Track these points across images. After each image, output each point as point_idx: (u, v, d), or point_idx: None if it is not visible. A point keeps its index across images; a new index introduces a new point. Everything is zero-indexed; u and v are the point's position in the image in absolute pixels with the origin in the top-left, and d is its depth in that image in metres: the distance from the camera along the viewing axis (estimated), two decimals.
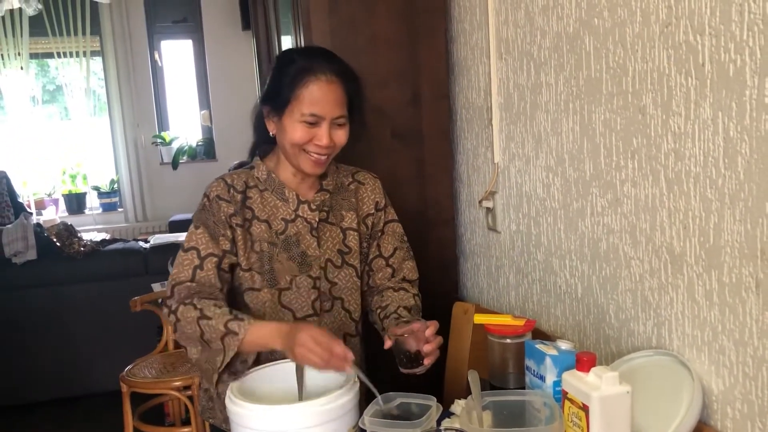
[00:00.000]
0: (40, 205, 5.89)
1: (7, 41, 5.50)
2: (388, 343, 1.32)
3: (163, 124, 6.15)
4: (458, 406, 1.38)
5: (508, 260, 1.92)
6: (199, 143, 6.19)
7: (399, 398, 1.23)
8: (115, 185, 6.04)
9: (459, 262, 2.25)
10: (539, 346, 1.20)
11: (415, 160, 2.11)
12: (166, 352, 2.87)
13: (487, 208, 1.98)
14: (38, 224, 3.69)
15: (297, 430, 1.16)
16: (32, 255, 3.46)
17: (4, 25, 5.46)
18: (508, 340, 1.32)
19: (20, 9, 5.00)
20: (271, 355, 1.45)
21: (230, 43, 5.91)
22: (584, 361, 1.07)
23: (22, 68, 5.57)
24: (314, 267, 1.53)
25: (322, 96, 1.42)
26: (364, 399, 1.27)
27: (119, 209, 6.04)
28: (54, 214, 5.84)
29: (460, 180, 2.18)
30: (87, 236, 3.89)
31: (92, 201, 6.06)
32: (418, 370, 1.32)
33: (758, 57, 1.01)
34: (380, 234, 1.63)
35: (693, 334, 1.20)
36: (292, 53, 1.53)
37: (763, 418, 1.07)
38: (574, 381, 1.06)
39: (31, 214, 4.88)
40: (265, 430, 1.16)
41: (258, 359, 1.41)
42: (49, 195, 6.02)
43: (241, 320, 1.34)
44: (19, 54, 5.55)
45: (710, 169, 1.12)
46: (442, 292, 2.16)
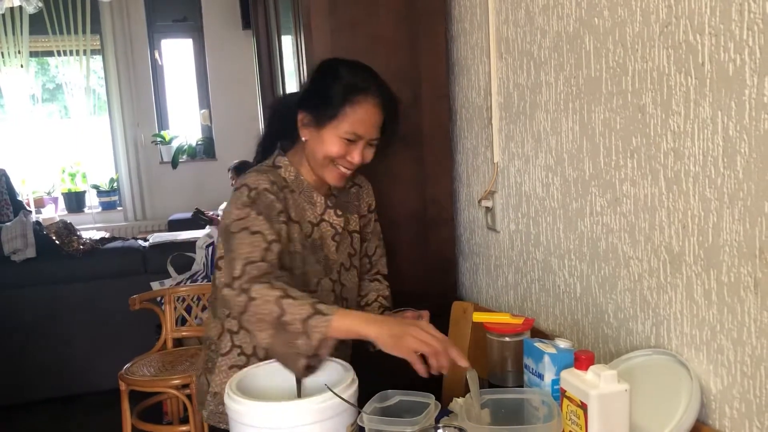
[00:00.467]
0: (40, 204, 5.89)
1: (7, 39, 5.50)
2: None
3: (162, 123, 6.15)
4: (456, 404, 1.38)
5: (507, 260, 1.92)
6: (199, 142, 6.19)
7: (397, 396, 1.23)
8: (115, 184, 6.05)
9: (458, 262, 2.26)
10: (538, 345, 1.20)
11: (415, 160, 2.11)
12: (165, 351, 2.87)
13: (487, 208, 1.98)
14: (37, 222, 3.70)
15: (295, 427, 1.16)
16: (31, 253, 3.46)
17: (4, 23, 5.46)
18: (507, 339, 1.32)
19: (20, 7, 4.99)
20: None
21: (230, 42, 5.91)
22: (583, 360, 1.07)
23: (22, 66, 5.57)
24: (333, 270, 1.56)
25: (367, 118, 1.44)
26: (363, 396, 1.27)
27: (118, 208, 6.05)
28: (53, 213, 5.84)
29: (459, 179, 2.18)
30: (86, 235, 3.89)
31: (91, 200, 6.07)
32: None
33: (758, 56, 1.01)
34: (369, 235, 1.70)
35: (691, 333, 1.21)
36: (340, 67, 1.49)
37: (761, 417, 1.07)
38: (573, 379, 1.06)
39: (31, 212, 4.88)
40: (263, 427, 1.16)
41: (256, 355, 1.41)
42: (49, 193, 6.02)
43: (327, 305, 1.28)
44: (19, 52, 5.55)
45: (709, 168, 1.13)
46: (440, 291, 2.16)
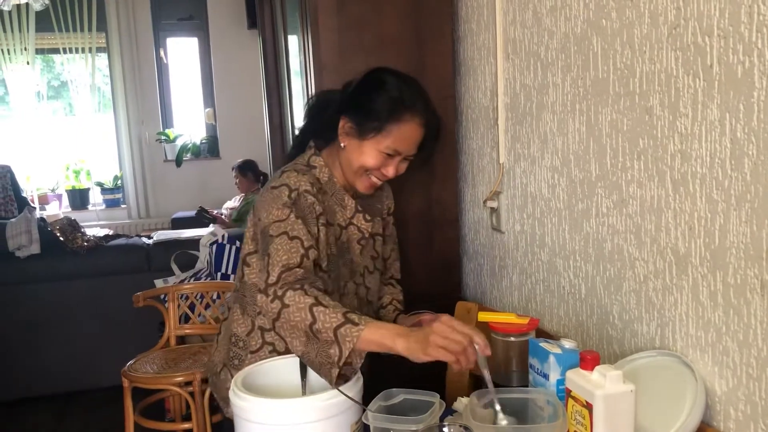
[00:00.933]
0: (44, 201, 5.90)
1: (13, 36, 5.52)
2: None
3: (167, 122, 6.16)
4: (460, 403, 1.38)
5: (511, 260, 1.92)
6: (203, 141, 6.20)
7: (402, 394, 1.23)
8: (119, 181, 6.06)
9: (462, 262, 2.26)
10: (543, 345, 1.20)
11: (420, 160, 2.11)
12: (168, 348, 2.87)
13: (492, 209, 1.98)
14: (42, 219, 3.70)
15: (300, 424, 1.16)
16: (36, 249, 3.47)
17: (10, 20, 5.48)
18: (512, 339, 1.32)
19: (27, 4, 5.01)
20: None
21: (236, 41, 5.92)
22: (588, 360, 1.07)
23: (27, 63, 5.58)
24: (357, 274, 1.57)
25: (410, 137, 1.46)
26: (367, 394, 1.28)
27: (122, 206, 6.06)
28: (57, 210, 5.86)
29: (464, 180, 2.18)
30: (90, 232, 3.90)
31: (95, 197, 6.08)
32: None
33: (766, 58, 1.01)
34: (387, 238, 1.69)
35: (697, 335, 1.21)
36: (389, 78, 1.48)
37: (766, 419, 1.07)
38: (578, 379, 1.07)
39: (35, 209, 4.89)
40: (268, 424, 1.16)
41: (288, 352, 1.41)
42: (53, 190, 6.04)
43: (359, 314, 1.26)
44: (25, 49, 5.56)
45: (716, 170, 1.13)
46: (445, 291, 2.17)
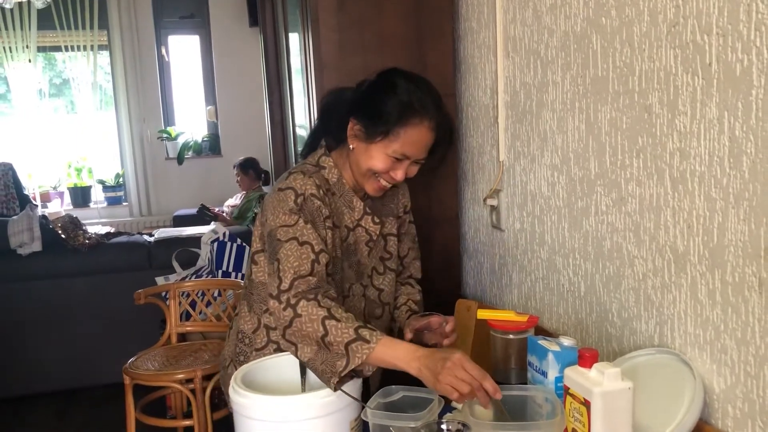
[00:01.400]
0: (46, 198, 5.91)
1: (15, 34, 5.52)
2: (408, 336, 1.33)
3: (168, 119, 6.17)
4: None
5: (511, 258, 1.92)
6: (205, 139, 6.21)
7: (401, 392, 1.23)
8: (120, 179, 6.07)
9: (462, 260, 2.26)
10: (542, 342, 1.21)
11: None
12: (169, 345, 2.88)
13: (492, 206, 1.98)
14: (44, 216, 3.71)
15: (300, 421, 1.16)
16: (37, 247, 3.47)
17: (12, 18, 5.49)
18: (511, 336, 1.32)
19: (29, 2, 5.02)
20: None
21: (237, 39, 5.93)
22: (587, 357, 1.07)
23: (29, 61, 5.59)
24: (364, 275, 1.55)
25: (419, 140, 1.43)
26: (367, 392, 1.28)
27: (124, 203, 6.07)
28: (59, 207, 5.86)
29: (464, 178, 2.18)
30: (92, 229, 3.91)
31: (97, 195, 6.09)
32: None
33: (765, 57, 1.01)
34: (403, 236, 1.67)
35: (695, 333, 1.21)
36: (400, 81, 1.45)
37: (764, 417, 1.07)
38: (576, 376, 1.07)
39: (37, 206, 4.90)
40: (268, 421, 1.17)
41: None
42: (55, 188, 6.05)
43: (372, 330, 1.25)
44: (27, 47, 5.57)
45: (715, 168, 1.13)
46: (445, 289, 2.17)
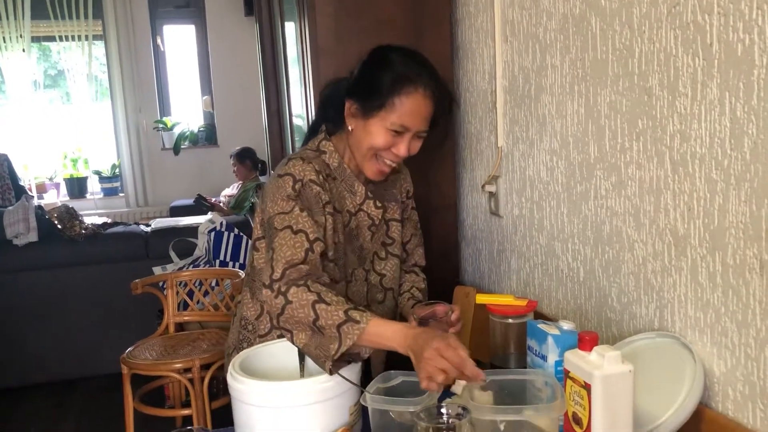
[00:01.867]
0: (41, 189, 5.89)
1: (8, 23, 5.48)
2: (412, 324, 1.32)
3: (164, 110, 6.14)
4: (459, 385, 1.38)
5: (510, 244, 1.91)
6: (201, 129, 6.19)
7: (401, 376, 1.23)
8: (117, 170, 6.05)
9: (461, 247, 2.25)
10: (541, 326, 1.20)
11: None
12: (167, 335, 2.87)
13: (490, 193, 1.97)
14: (39, 207, 3.70)
15: (298, 406, 1.16)
16: (33, 237, 3.46)
17: (5, 7, 5.45)
18: (510, 320, 1.31)
19: None
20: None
21: (233, 28, 5.89)
22: (587, 341, 1.07)
23: (23, 51, 5.55)
24: (367, 260, 1.54)
25: (416, 109, 1.39)
26: (365, 377, 1.27)
27: (120, 194, 6.05)
28: (55, 198, 5.85)
29: (462, 164, 2.17)
30: (88, 220, 3.90)
31: (93, 185, 6.07)
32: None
33: (767, 36, 1.00)
34: (405, 222, 1.66)
35: (696, 316, 1.20)
36: (392, 54, 1.44)
37: (764, 399, 1.07)
38: (577, 360, 1.06)
39: (33, 197, 4.88)
40: (266, 406, 1.16)
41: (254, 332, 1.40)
42: (51, 179, 6.02)
43: (362, 311, 1.25)
44: (21, 36, 5.53)
45: (716, 150, 1.12)
46: (443, 276, 2.16)
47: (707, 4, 1.11)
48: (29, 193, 5.24)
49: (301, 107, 2.50)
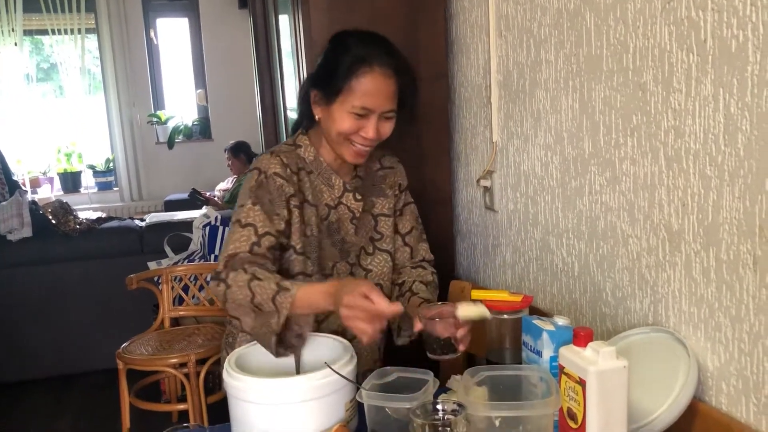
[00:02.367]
0: (35, 184, 5.86)
1: (0, 17, 5.44)
2: (418, 326, 1.30)
3: (158, 103, 6.11)
4: (455, 381, 1.38)
5: (504, 239, 1.92)
6: (195, 123, 6.16)
7: (396, 373, 1.23)
8: (111, 164, 6.02)
9: (455, 242, 2.26)
10: (536, 322, 1.20)
11: (413, 139, 2.10)
12: (162, 330, 2.87)
13: (485, 188, 1.98)
14: (33, 202, 3.68)
15: (294, 403, 1.16)
16: (27, 232, 3.45)
17: None
18: (506, 316, 1.32)
19: None
20: None
21: (227, 21, 5.86)
22: (581, 336, 1.07)
23: (16, 44, 5.51)
24: (351, 254, 1.54)
25: (375, 89, 1.38)
26: (361, 373, 1.28)
27: (114, 188, 6.02)
28: (49, 193, 5.82)
29: (457, 159, 2.17)
30: (82, 215, 3.88)
31: (87, 180, 6.04)
32: (450, 357, 1.31)
33: (761, 32, 1.00)
34: (399, 214, 1.65)
35: (690, 311, 1.21)
36: (348, 38, 1.44)
37: (757, 394, 1.08)
38: (571, 355, 1.07)
39: (26, 191, 4.86)
40: (262, 403, 1.16)
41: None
42: (44, 173, 6.00)
43: (293, 281, 1.31)
44: (12, 30, 5.49)
45: (710, 146, 1.12)
46: (438, 271, 2.15)
47: (701, 0, 1.11)
48: (23, 188, 5.21)
49: (295, 101, 2.49)
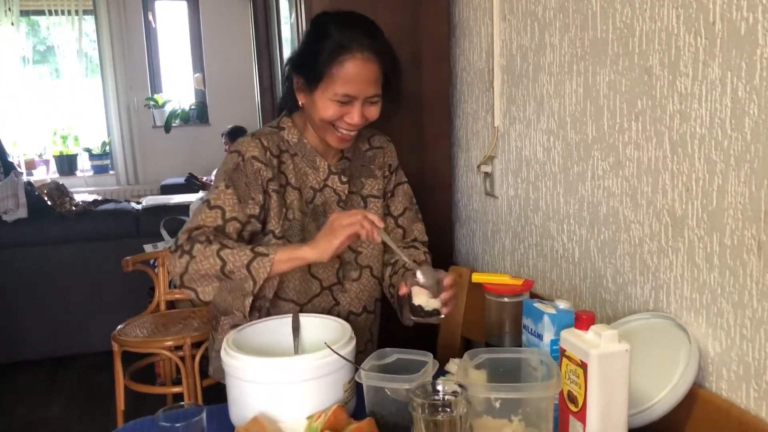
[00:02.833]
0: (31, 166, 5.83)
1: None
2: (403, 290, 1.31)
3: (155, 87, 6.08)
4: (453, 365, 1.38)
5: (504, 225, 1.91)
6: (192, 107, 6.13)
7: (395, 354, 1.22)
8: (107, 147, 5.99)
9: (455, 228, 2.25)
10: (537, 305, 1.20)
11: (414, 124, 2.09)
12: (158, 313, 2.86)
13: (486, 173, 1.96)
14: (29, 183, 3.66)
15: (293, 383, 1.15)
16: (23, 213, 3.43)
17: None
18: (506, 299, 1.31)
19: None
20: (272, 309, 1.46)
21: (225, 5, 5.82)
22: (583, 320, 1.06)
23: (12, 24, 5.47)
24: None
25: (357, 75, 1.35)
26: (361, 354, 1.27)
27: (111, 172, 6.00)
28: (45, 175, 5.80)
29: (458, 144, 2.16)
30: (78, 197, 3.86)
31: (83, 163, 6.01)
32: (433, 320, 1.32)
33: None
34: (390, 195, 1.63)
35: (691, 297, 1.20)
36: (328, 23, 1.40)
37: (758, 380, 1.07)
38: (573, 339, 1.06)
39: (22, 173, 4.82)
40: (260, 383, 1.15)
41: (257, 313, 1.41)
42: (40, 156, 5.96)
43: (266, 246, 1.33)
44: (9, 10, 5.44)
45: (716, 130, 1.11)
46: (437, 257, 2.14)
47: None
48: (18, 169, 5.18)
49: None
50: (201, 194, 3.92)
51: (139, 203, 3.97)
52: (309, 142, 1.50)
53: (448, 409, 1.00)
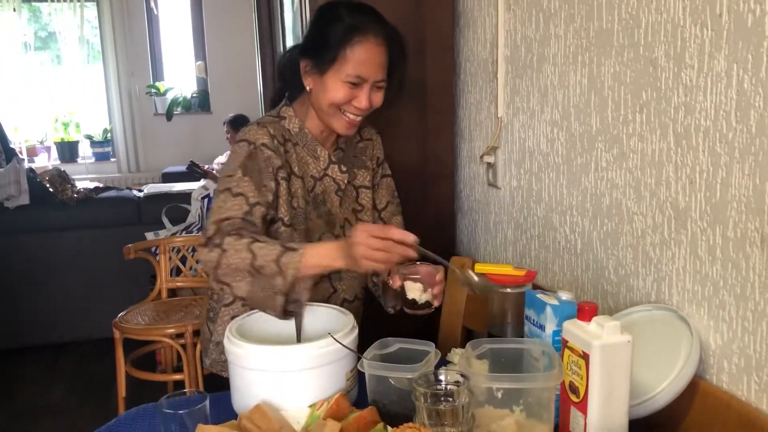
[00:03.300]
0: (32, 153, 5.83)
1: None
2: (396, 283, 1.33)
3: (157, 75, 6.06)
4: (455, 354, 1.38)
5: (507, 216, 1.91)
6: (194, 95, 6.12)
7: (398, 344, 1.23)
8: (108, 135, 5.98)
9: (457, 219, 2.25)
10: (540, 296, 1.20)
11: (417, 114, 2.08)
12: (160, 300, 2.87)
13: (488, 164, 1.96)
14: (31, 169, 3.66)
15: (295, 371, 1.16)
16: (25, 200, 3.43)
17: None
18: (509, 290, 1.31)
19: None
20: None
21: None
22: (586, 311, 1.07)
23: (14, 10, 5.45)
24: (336, 225, 1.54)
25: (369, 58, 1.39)
26: (363, 343, 1.27)
27: (112, 159, 5.99)
28: (46, 162, 5.79)
29: (461, 135, 2.15)
30: (80, 184, 3.86)
31: (85, 150, 6.01)
32: (426, 312, 1.34)
33: None
34: (376, 188, 1.65)
35: (693, 289, 1.20)
36: (339, 8, 1.43)
37: (759, 372, 1.07)
38: (575, 329, 1.06)
39: (24, 159, 4.82)
40: (263, 371, 1.16)
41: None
42: (41, 142, 5.96)
43: (297, 242, 1.32)
44: None
45: (721, 122, 1.11)
46: (438, 248, 2.13)
47: None
48: (20, 155, 5.17)
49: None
50: (203, 182, 3.91)
51: (140, 191, 3.97)
52: (310, 131, 1.50)
53: (450, 399, 1.00)
